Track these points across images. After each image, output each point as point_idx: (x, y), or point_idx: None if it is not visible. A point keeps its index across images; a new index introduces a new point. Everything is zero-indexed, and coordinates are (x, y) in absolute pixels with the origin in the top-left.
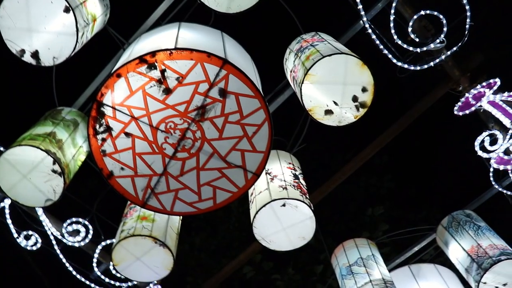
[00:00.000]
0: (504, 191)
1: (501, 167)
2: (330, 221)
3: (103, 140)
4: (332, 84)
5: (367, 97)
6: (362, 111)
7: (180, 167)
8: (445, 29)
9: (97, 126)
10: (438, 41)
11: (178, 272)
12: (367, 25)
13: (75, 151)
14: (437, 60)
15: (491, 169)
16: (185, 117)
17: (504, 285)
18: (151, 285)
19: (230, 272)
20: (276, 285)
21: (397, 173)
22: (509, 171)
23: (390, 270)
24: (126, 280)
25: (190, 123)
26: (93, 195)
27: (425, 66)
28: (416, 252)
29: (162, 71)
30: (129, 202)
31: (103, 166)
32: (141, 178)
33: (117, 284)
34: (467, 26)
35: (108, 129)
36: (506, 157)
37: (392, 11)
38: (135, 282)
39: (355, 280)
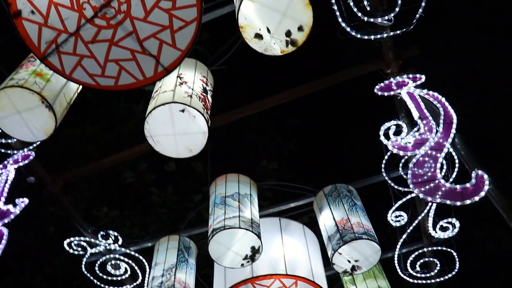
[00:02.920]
0: (389, 182)
1: (395, 150)
2: (225, 161)
3: None
4: (272, 10)
5: (300, 37)
6: (290, 49)
7: (94, 34)
8: (397, 9)
9: None
10: (386, 18)
11: (59, 153)
12: None
13: None
14: (378, 36)
15: (386, 157)
16: None
17: (356, 261)
18: (25, 149)
19: (109, 164)
20: (152, 199)
21: (303, 140)
22: (400, 165)
23: (261, 216)
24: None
25: None
26: None
27: (366, 37)
28: (291, 209)
29: None
30: (30, 55)
31: (12, 2)
32: (49, 30)
33: None
34: (417, 15)
35: None
36: (403, 144)
37: None
38: (9, 140)
39: (225, 211)
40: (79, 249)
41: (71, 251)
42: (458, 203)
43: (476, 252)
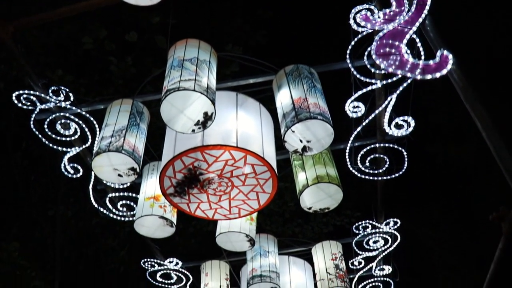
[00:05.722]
0: (352, 69)
1: (362, 23)
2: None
3: None
4: None
5: None
6: None
7: None
8: None
9: None
10: None
11: (14, 12)
12: None
13: None
14: None
15: (352, 42)
16: None
17: (308, 141)
18: None
19: (66, 14)
20: (110, 69)
21: (272, 33)
22: (366, 54)
23: (218, 89)
24: None
25: None
26: None
27: None
28: (250, 85)
29: None
30: None
31: None
32: None
33: None
34: None
35: None
36: (372, 19)
37: None
38: None
39: (181, 73)
40: (28, 103)
41: (19, 105)
42: (419, 77)
43: (425, 166)
